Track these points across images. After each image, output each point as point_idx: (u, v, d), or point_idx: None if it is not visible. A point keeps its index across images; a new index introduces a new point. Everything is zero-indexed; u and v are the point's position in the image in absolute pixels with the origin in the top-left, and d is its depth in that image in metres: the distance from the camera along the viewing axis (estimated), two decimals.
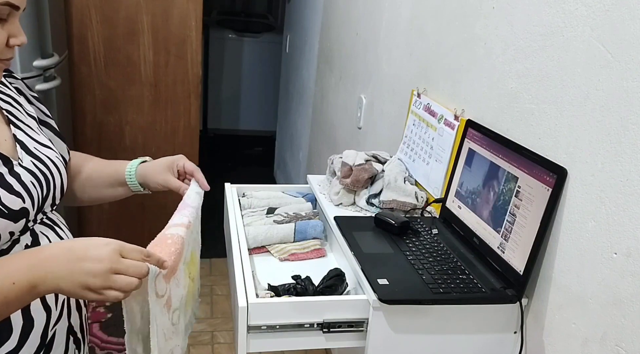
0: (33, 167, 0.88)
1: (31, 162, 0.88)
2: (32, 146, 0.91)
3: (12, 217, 0.81)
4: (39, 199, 0.87)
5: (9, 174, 0.83)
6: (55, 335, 0.90)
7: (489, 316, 1.08)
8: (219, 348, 2.40)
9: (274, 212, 1.44)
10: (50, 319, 0.88)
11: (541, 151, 1.05)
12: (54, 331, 0.90)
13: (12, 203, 0.81)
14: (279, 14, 5.25)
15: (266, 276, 1.21)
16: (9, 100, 0.95)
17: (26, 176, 0.85)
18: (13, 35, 0.83)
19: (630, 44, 0.85)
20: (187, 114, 2.75)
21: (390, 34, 1.87)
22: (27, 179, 0.85)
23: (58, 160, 0.94)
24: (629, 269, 0.85)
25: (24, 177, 0.85)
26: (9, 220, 0.80)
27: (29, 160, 0.88)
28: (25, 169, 0.86)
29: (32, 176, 0.87)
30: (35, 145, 0.92)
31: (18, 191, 0.83)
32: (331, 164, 1.54)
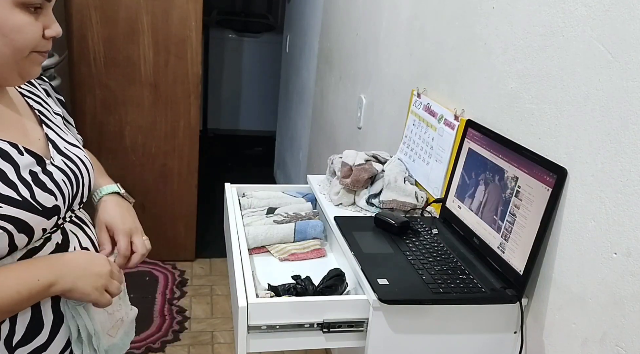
0: (64, 166, 0.91)
1: (62, 161, 0.91)
2: (62, 145, 0.94)
3: (46, 214, 0.84)
4: (69, 196, 0.90)
5: (42, 172, 0.86)
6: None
7: (489, 316, 1.08)
8: (219, 348, 2.40)
9: (274, 212, 1.44)
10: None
11: (541, 151, 1.05)
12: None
13: (45, 201, 0.84)
14: (279, 14, 5.25)
15: (266, 276, 1.21)
16: (39, 100, 0.98)
17: (58, 175, 0.88)
18: (48, 27, 0.83)
19: (630, 44, 0.85)
20: (187, 114, 2.75)
21: (390, 34, 1.87)
22: (59, 178, 0.88)
23: (86, 159, 0.97)
24: (629, 269, 0.85)
25: (56, 176, 0.88)
26: (42, 217, 0.83)
27: (60, 159, 0.91)
28: (57, 168, 0.89)
29: (63, 174, 0.90)
30: (65, 145, 0.95)
31: (51, 188, 0.86)
32: (331, 164, 1.54)
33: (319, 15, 2.94)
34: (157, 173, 2.79)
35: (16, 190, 0.81)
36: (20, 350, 0.86)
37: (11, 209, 0.79)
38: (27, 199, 0.81)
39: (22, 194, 0.81)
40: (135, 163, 2.77)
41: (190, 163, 2.83)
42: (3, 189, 0.79)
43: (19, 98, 0.94)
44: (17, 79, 0.86)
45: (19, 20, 0.79)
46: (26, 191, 0.82)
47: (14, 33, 0.79)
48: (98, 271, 0.89)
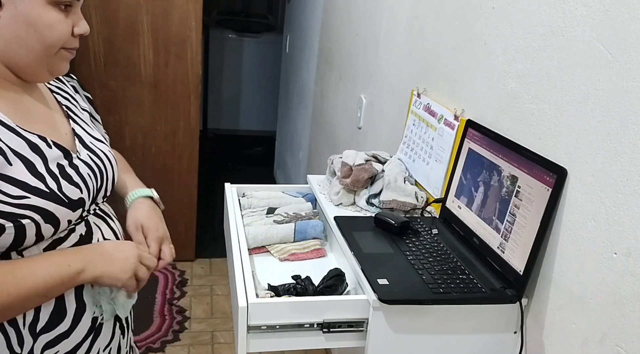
0: (89, 160, 0.94)
1: (87, 156, 0.94)
2: (88, 140, 0.97)
3: (71, 206, 0.86)
4: (94, 190, 0.93)
5: (69, 165, 0.89)
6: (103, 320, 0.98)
7: (489, 316, 1.08)
8: (219, 348, 2.40)
9: (274, 212, 1.44)
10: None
11: (541, 151, 1.05)
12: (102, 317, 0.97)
13: (71, 193, 0.87)
14: (279, 14, 5.25)
15: (266, 276, 1.21)
16: (67, 96, 1.03)
17: (84, 168, 0.91)
18: (76, 24, 0.87)
19: (630, 44, 0.85)
20: (187, 114, 2.75)
21: (390, 34, 1.87)
22: (85, 171, 0.91)
23: (110, 154, 1.01)
24: (629, 269, 0.85)
25: (81, 169, 0.91)
26: (68, 209, 0.86)
27: (85, 153, 0.94)
28: (83, 162, 0.92)
29: (88, 168, 0.93)
30: (91, 139, 0.98)
31: (77, 181, 0.88)
32: (331, 164, 1.54)
33: (319, 15, 2.94)
34: (157, 173, 2.79)
35: (44, 182, 0.83)
36: (44, 336, 0.88)
37: (39, 200, 0.82)
38: (54, 191, 0.84)
39: (49, 186, 0.84)
40: (135, 163, 2.75)
41: (190, 163, 2.83)
42: (32, 180, 0.82)
43: (48, 94, 0.98)
44: (47, 75, 0.90)
45: (51, 18, 0.83)
46: (53, 183, 0.85)
47: (46, 29, 0.83)
48: (126, 256, 0.92)
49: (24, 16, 0.81)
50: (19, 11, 0.81)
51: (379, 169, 1.48)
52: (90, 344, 0.95)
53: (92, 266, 0.88)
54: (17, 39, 0.83)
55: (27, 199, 0.81)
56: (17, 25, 0.81)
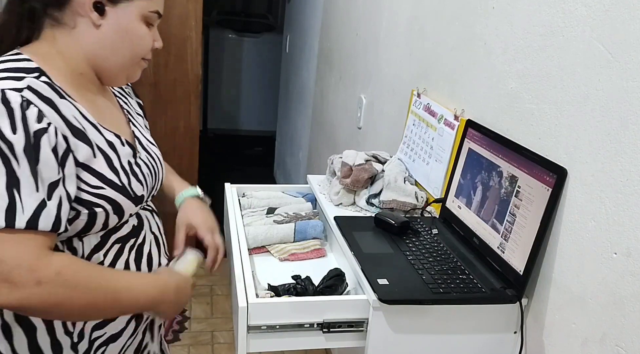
0: (147, 161, 1.03)
1: (146, 157, 1.03)
2: (145, 142, 1.06)
3: (136, 201, 0.95)
4: (150, 188, 1.02)
5: (134, 164, 0.98)
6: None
7: (489, 316, 1.08)
8: (219, 348, 2.40)
9: (274, 212, 1.44)
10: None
11: (541, 151, 1.05)
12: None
13: (137, 189, 0.96)
14: (279, 14, 5.25)
15: (266, 276, 1.21)
16: (127, 101, 1.12)
17: (144, 168, 1.00)
18: (156, 39, 0.99)
19: (630, 44, 0.85)
20: (187, 114, 2.75)
21: (390, 34, 1.87)
22: (145, 171, 1.00)
23: (161, 157, 1.10)
24: (629, 269, 0.85)
25: (143, 169, 1.00)
26: (133, 203, 0.95)
27: (144, 154, 1.03)
28: (143, 162, 1.01)
29: (147, 168, 1.02)
30: (147, 142, 1.07)
31: (141, 179, 0.97)
32: (331, 164, 1.54)
33: (319, 15, 2.94)
34: None
35: (118, 176, 0.92)
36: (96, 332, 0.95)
37: (112, 192, 0.90)
38: (125, 186, 0.93)
39: (122, 181, 0.93)
40: None
41: (190, 163, 2.83)
42: (109, 173, 0.91)
43: (114, 98, 1.07)
44: (124, 80, 1.00)
45: (142, 31, 0.94)
46: (125, 179, 0.93)
47: (138, 40, 0.94)
48: (184, 302, 1.03)
49: (123, 27, 0.92)
50: (120, 22, 0.91)
51: (379, 169, 1.48)
52: (135, 328, 1.02)
53: (164, 306, 0.97)
54: (112, 46, 0.92)
55: (102, 190, 0.89)
56: (115, 34, 0.92)
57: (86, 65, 0.93)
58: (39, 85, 0.84)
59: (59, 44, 0.90)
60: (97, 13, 0.89)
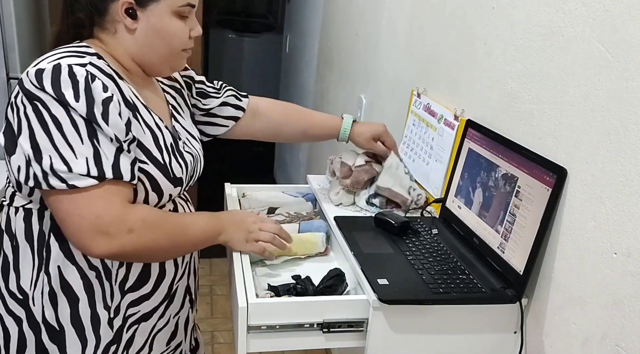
0: (190, 150, 1.09)
1: (184, 147, 1.08)
2: (184, 136, 1.12)
3: (175, 182, 1.01)
4: (189, 175, 1.07)
5: (176, 148, 1.04)
6: (177, 290, 1.12)
7: (489, 316, 1.08)
8: (219, 348, 2.40)
9: (274, 212, 1.44)
10: (177, 274, 1.10)
11: (541, 151, 1.05)
12: (177, 286, 1.12)
13: (177, 171, 1.01)
14: (279, 14, 5.25)
15: (266, 276, 1.21)
16: (176, 95, 1.18)
17: (187, 155, 1.07)
18: (192, 28, 1.04)
19: (630, 44, 0.85)
20: None
21: (390, 34, 1.87)
22: (187, 158, 1.06)
23: (201, 151, 1.16)
24: (629, 269, 0.85)
25: (185, 155, 1.06)
26: (172, 184, 1.00)
27: (184, 146, 1.09)
28: (185, 151, 1.07)
29: (190, 155, 1.08)
30: (187, 136, 1.13)
31: (181, 162, 1.03)
32: (330, 164, 1.54)
33: (319, 15, 2.94)
34: None
35: (162, 154, 0.99)
36: (130, 295, 1.03)
37: (154, 169, 0.97)
38: (166, 165, 0.99)
39: (164, 160, 0.99)
40: None
41: None
42: (154, 150, 0.98)
43: (161, 92, 1.13)
44: (168, 71, 1.08)
45: (175, 26, 1.00)
46: (167, 157, 1.00)
47: (171, 37, 1.00)
48: (247, 227, 1.11)
49: (155, 27, 0.98)
50: (151, 23, 0.97)
51: (379, 170, 1.48)
52: (164, 310, 1.10)
53: (226, 232, 1.08)
54: (148, 45, 0.99)
55: (146, 165, 0.96)
56: (149, 34, 0.98)
57: (131, 62, 1.01)
58: (100, 63, 0.93)
59: (106, 45, 1.00)
60: (130, 18, 0.96)
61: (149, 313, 1.07)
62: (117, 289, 1.01)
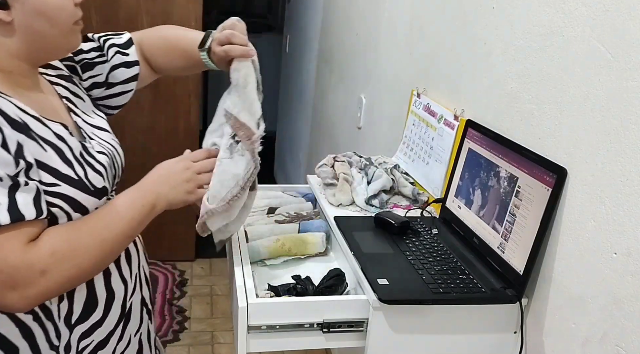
0: (101, 149, 0.95)
1: (97, 144, 0.96)
2: (90, 131, 0.98)
3: (97, 194, 0.88)
4: (112, 178, 0.96)
5: (87, 154, 0.91)
6: (132, 306, 1.01)
7: (489, 316, 1.08)
8: (219, 348, 2.40)
9: (274, 212, 1.44)
10: (127, 292, 0.99)
11: (541, 151, 1.05)
12: (130, 303, 1.00)
13: (96, 181, 0.89)
14: (279, 14, 5.24)
15: (266, 276, 1.21)
16: (66, 85, 1.02)
17: (100, 156, 0.93)
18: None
19: (630, 44, 0.85)
20: (187, 114, 2.75)
21: (390, 34, 1.87)
22: (102, 159, 0.93)
23: (114, 141, 1.02)
24: (629, 269, 0.85)
25: (98, 157, 0.92)
26: (95, 197, 0.88)
27: (94, 143, 0.96)
28: (96, 151, 0.94)
29: (103, 155, 0.94)
30: (93, 130, 0.99)
31: (99, 169, 0.91)
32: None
33: (319, 15, 2.94)
34: None
35: (73, 169, 0.85)
36: (79, 327, 0.91)
37: (69, 188, 0.84)
38: (82, 179, 0.86)
39: (78, 174, 0.86)
40: (136, 163, 2.76)
41: None
42: (62, 167, 0.84)
43: (49, 86, 0.99)
44: (65, 52, 0.95)
45: (57, 1, 0.85)
46: (81, 171, 0.87)
47: (56, 12, 0.86)
48: (181, 178, 0.97)
49: (34, 8, 0.83)
50: (28, 6, 0.83)
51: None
52: (122, 331, 0.98)
53: (160, 196, 0.94)
54: (33, 33, 0.85)
55: (58, 188, 0.83)
56: (29, 20, 0.84)
57: (14, 61, 0.87)
58: None
59: None
60: (1, 9, 0.82)
61: (104, 339, 0.95)
62: (63, 325, 0.89)
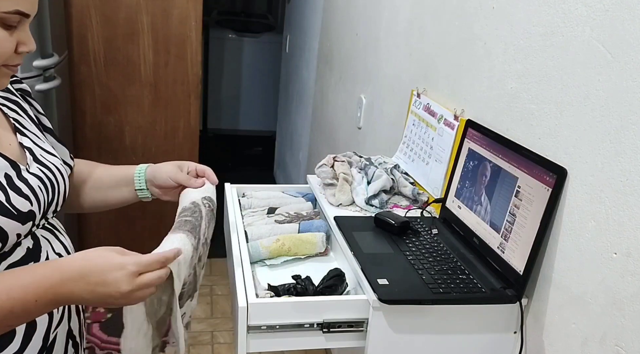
0: (40, 173, 0.90)
1: (38, 169, 0.90)
2: (39, 153, 0.93)
3: (21, 219, 0.82)
4: (44, 203, 0.89)
5: (17, 178, 0.85)
6: (56, 338, 0.92)
7: (489, 316, 1.08)
8: (219, 348, 2.40)
9: (274, 212, 1.44)
10: (52, 322, 0.90)
11: (541, 151, 1.05)
12: (55, 334, 0.91)
13: (21, 205, 0.83)
14: (279, 14, 5.25)
15: (266, 276, 1.21)
16: (15, 108, 0.97)
17: (34, 181, 0.87)
18: (22, 43, 0.82)
19: (630, 44, 0.85)
20: (187, 114, 2.75)
21: (390, 34, 1.87)
22: (35, 184, 0.87)
23: (62, 167, 0.96)
24: (629, 269, 0.85)
25: (31, 182, 0.87)
26: (18, 222, 0.82)
27: (35, 167, 0.90)
28: (33, 175, 0.88)
29: (39, 180, 0.89)
30: (41, 152, 0.94)
31: (26, 194, 0.85)
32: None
33: (319, 15, 2.94)
34: None
35: None
36: None
37: None
38: (2, 203, 0.80)
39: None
40: (135, 163, 2.76)
41: None
42: None
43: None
44: None
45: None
46: (1, 195, 0.80)
47: None
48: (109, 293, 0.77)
49: None
50: None
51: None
52: None
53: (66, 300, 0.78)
54: None
55: None
56: None
57: None
58: None
59: None
60: None
61: None
62: None
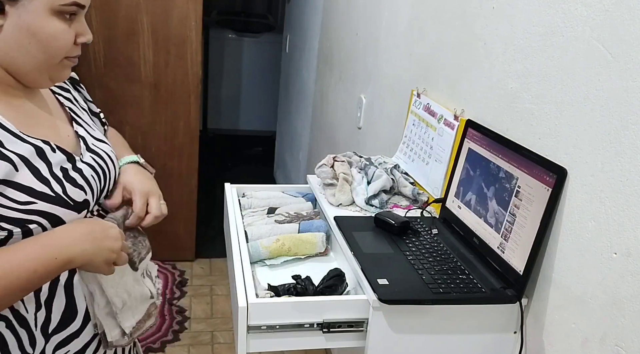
0: (93, 162, 0.95)
1: (91, 157, 0.95)
2: (91, 142, 0.98)
3: (77, 208, 0.88)
4: (97, 190, 0.95)
5: (72, 169, 0.90)
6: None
7: (489, 316, 1.08)
8: (219, 348, 2.40)
9: (274, 212, 1.44)
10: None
11: (541, 151, 1.05)
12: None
13: (76, 195, 0.88)
14: (279, 14, 5.24)
15: (266, 276, 1.21)
16: (69, 96, 1.03)
17: (87, 171, 0.93)
18: (80, 34, 0.87)
19: (630, 44, 0.85)
20: (187, 114, 2.75)
21: (390, 34, 1.87)
22: (88, 173, 0.93)
23: (112, 153, 1.02)
24: (629, 269, 0.85)
25: (85, 172, 0.92)
26: (74, 211, 0.87)
27: (89, 156, 0.95)
28: (87, 164, 0.93)
29: (92, 170, 0.94)
30: (93, 141, 0.99)
31: (81, 184, 0.90)
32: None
33: (319, 15, 2.94)
34: (157, 173, 2.79)
35: (49, 186, 0.85)
36: (56, 337, 0.91)
37: (45, 204, 0.83)
38: (60, 195, 0.85)
39: (55, 190, 0.85)
40: None
41: (190, 163, 2.83)
42: (38, 185, 0.83)
43: (50, 96, 0.98)
44: (48, 82, 0.90)
45: (55, 28, 0.83)
46: (58, 187, 0.86)
47: (49, 40, 0.83)
48: (111, 246, 0.88)
49: (27, 26, 0.81)
50: (23, 21, 0.80)
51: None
52: (98, 344, 0.98)
53: (80, 257, 0.84)
54: (19, 48, 0.82)
55: (33, 205, 0.82)
56: (20, 34, 0.81)
57: (1, 70, 0.85)
58: None
59: None
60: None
61: (80, 350, 0.95)
62: (39, 334, 0.89)
